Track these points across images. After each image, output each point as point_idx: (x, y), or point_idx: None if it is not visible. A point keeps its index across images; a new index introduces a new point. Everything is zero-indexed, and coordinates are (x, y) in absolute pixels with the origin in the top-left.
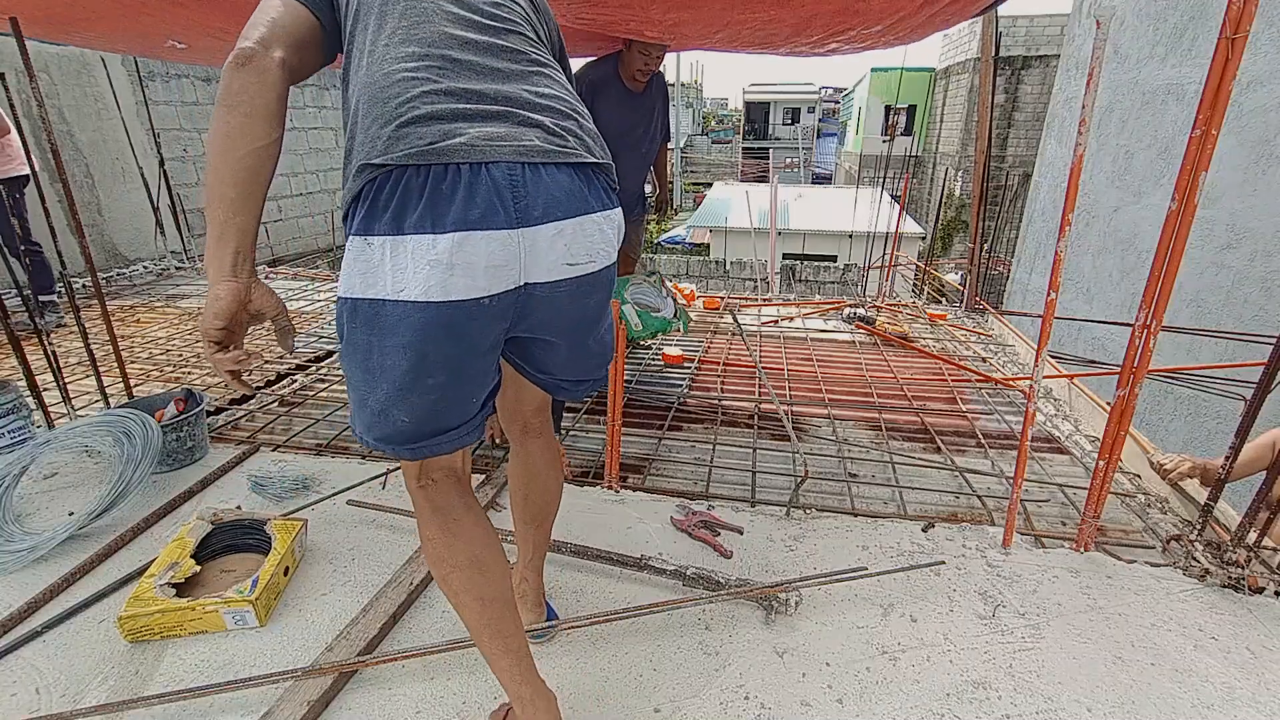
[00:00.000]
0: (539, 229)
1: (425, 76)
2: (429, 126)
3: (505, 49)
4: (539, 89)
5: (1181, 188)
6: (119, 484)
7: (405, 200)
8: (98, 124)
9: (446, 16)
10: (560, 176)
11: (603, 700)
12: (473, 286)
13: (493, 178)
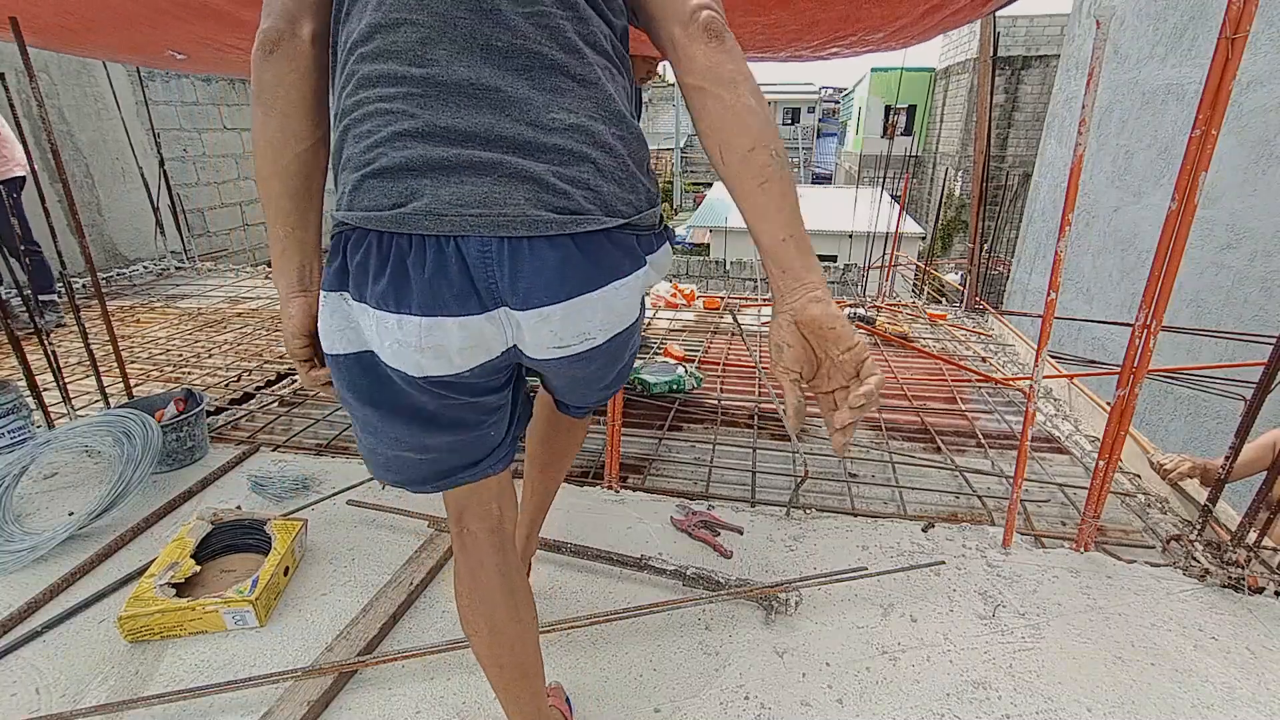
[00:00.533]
0: (519, 314)
1: (401, 109)
2: (393, 183)
3: (519, 49)
4: (551, 115)
5: (1181, 188)
6: (119, 484)
7: (366, 266)
8: (98, 124)
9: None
10: (550, 254)
11: (603, 700)
12: (447, 366)
13: (462, 255)
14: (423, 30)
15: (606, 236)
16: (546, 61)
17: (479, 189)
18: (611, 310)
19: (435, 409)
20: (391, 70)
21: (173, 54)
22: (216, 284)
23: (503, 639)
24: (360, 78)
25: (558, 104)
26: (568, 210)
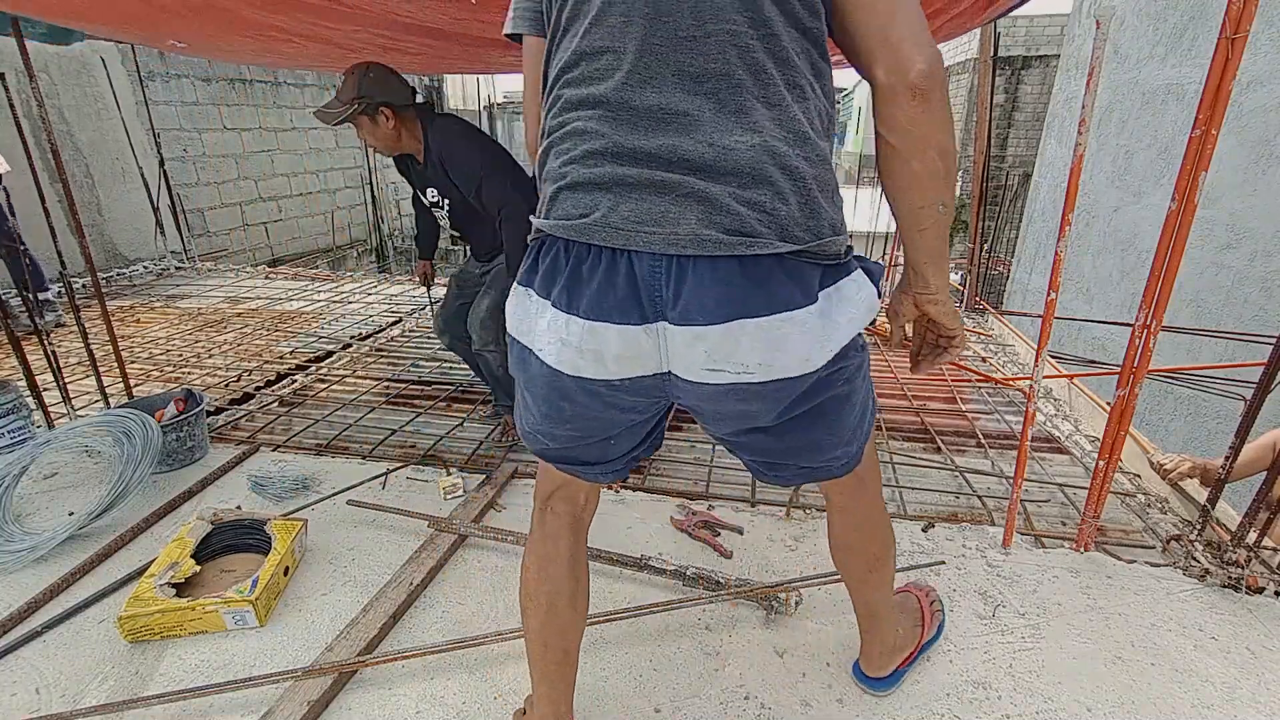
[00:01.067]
0: (675, 329)
1: (595, 130)
2: (582, 195)
3: (709, 73)
4: (734, 138)
5: (1181, 188)
6: (119, 484)
7: (553, 270)
8: (98, 124)
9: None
10: (712, 274)
11: (603, 700)
12: (601, 370)
13: (632, 268)
14: (622, 57)
15: (778, 263)
16: (733, 83)
17: (656, 207)
18: (774, 346)
19: (574, 409)
20: (591, 94)
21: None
22: (216, 284)
23: (556, 620)
24: (565, 101)
25: (742, 125)
26: (738, 232)
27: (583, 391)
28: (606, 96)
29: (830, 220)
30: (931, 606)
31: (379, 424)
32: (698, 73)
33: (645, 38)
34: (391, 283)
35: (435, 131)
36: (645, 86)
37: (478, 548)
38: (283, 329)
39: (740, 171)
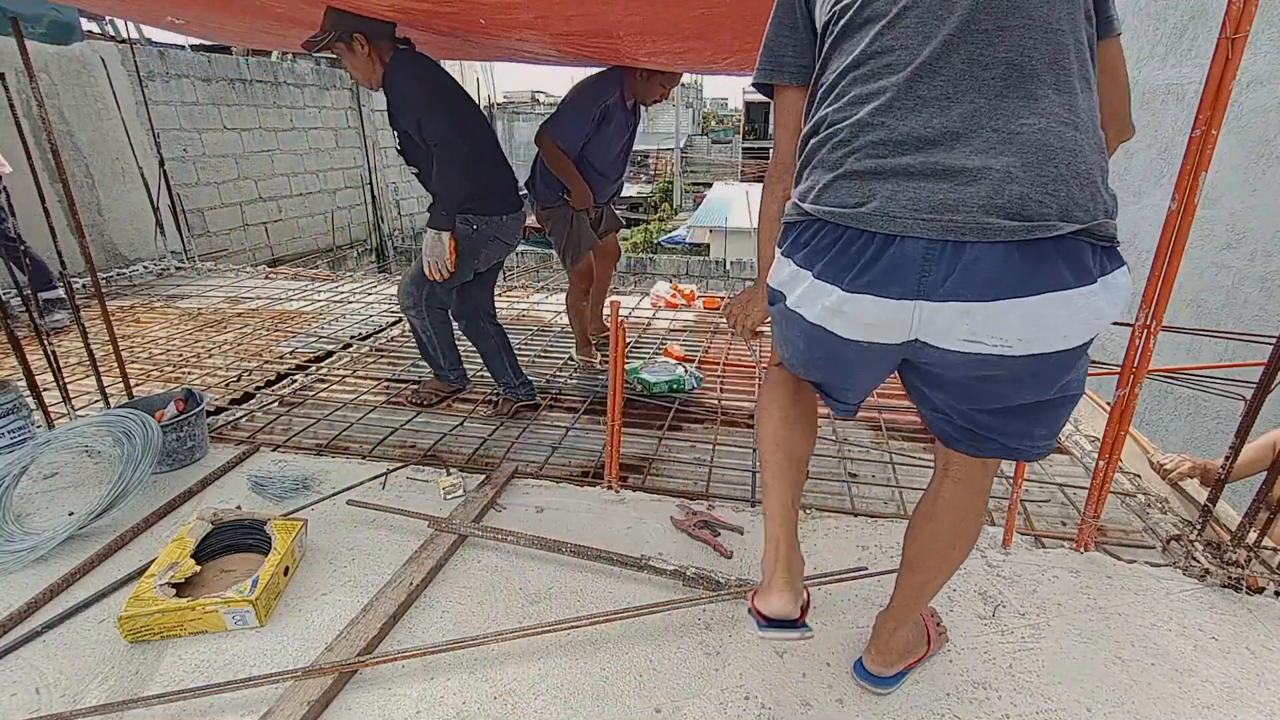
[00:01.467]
0: (941, 305)
1: (878, 121)
2: (858, 183)
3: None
4: (1020, 121)
5: (1181, 188)
6: (119, 484)
7: (817, 249)
8: (98, 124)
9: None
10: (990, 256)
11: (603, 700)
12: (854, 332)
13: (905, 251)
14: (915, 54)
15: (1056, 245)
16: (1026, 71)
17: (935, 195)
18: (1040, 323)
19: (825, 356)
20: (878, 87)
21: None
22: (216, 284)
23: (787, 426)
24: (850, 97)
25: (1030, 109)
26: (1020, 216)
27: (834, 343)
28: (893, 89)
29: (1105, 204)
30: (937, 627)
31: (379, 424)
32: (988, 61)
33: (941, 34)
34: (391, 282)
35: (392, 63)
36: (934, 77)
37: (478, 548)
38: (283, 329)
39: (1025, 152)
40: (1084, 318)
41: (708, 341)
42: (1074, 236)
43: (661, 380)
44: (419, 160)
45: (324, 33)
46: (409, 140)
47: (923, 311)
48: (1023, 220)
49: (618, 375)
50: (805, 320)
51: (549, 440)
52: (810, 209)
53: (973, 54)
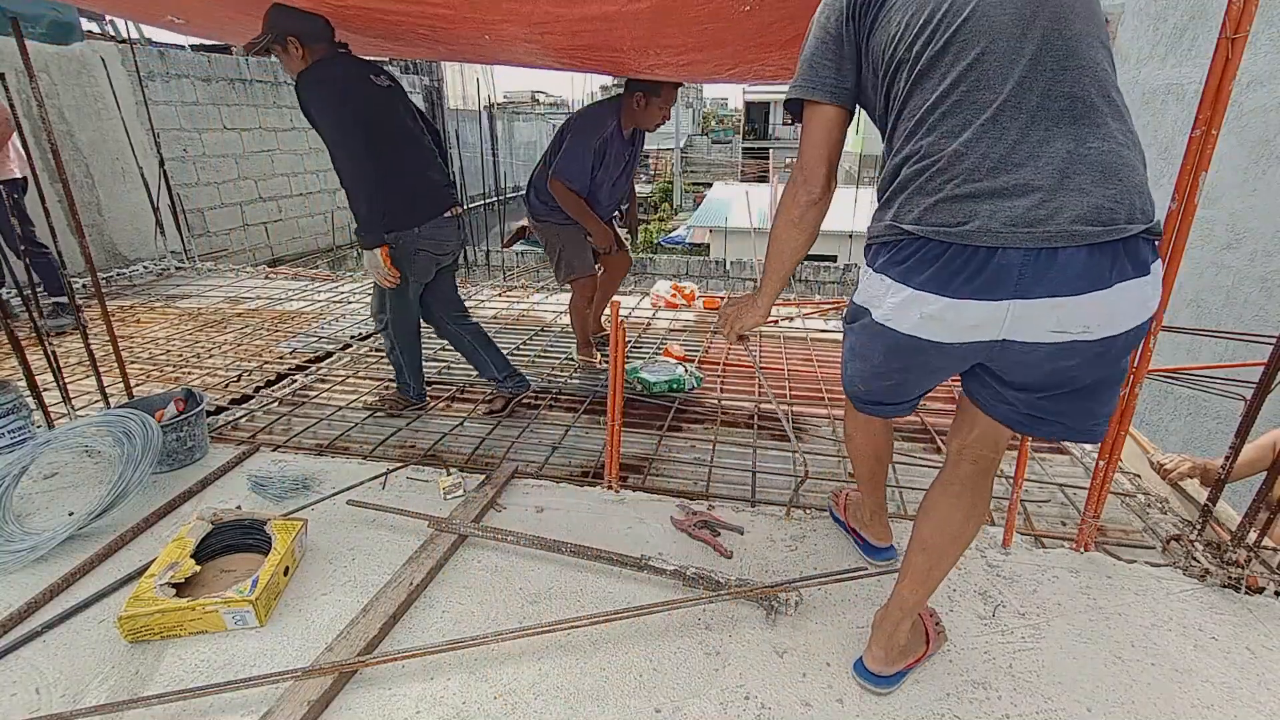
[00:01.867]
0: (1035, 302)
1: (973, 150)
2: (958, 205)
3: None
4: (1088, 145)
5: (1181, 188)
6: (119, 484)
7: (921, 263)
8: (98, 124)
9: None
10: (1078, 257)
11: (603, 700)
12: (947, 335)
13: (1005, 260)
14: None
15: (1123, 244)
16: (1089, 104)
17: (1028, 212)
18: (1113, 309)
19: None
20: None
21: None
22: (216, 284)
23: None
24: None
25: (1095, 134)
26: (1099, 221)
27: (917, 351)
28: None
29: (1152, 207)
30: (936, 627)
31: (379, 424)
32: (1064, 94)
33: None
34: None
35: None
36: (1016, 111)
37: (478, 548)
38: (283, 329)
39: (1096, 169)
40: (1142, 301)
41: (708, 341)
42: (1136, 236)
43: (661, 380)
44: None
45: (261, 35)
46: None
47: (1015, 309)
48: (1101, 225)
49: (618, 375)
50: (896, 332)
51: (549, 440)
52: (911, 228)
53: (1045, 90)
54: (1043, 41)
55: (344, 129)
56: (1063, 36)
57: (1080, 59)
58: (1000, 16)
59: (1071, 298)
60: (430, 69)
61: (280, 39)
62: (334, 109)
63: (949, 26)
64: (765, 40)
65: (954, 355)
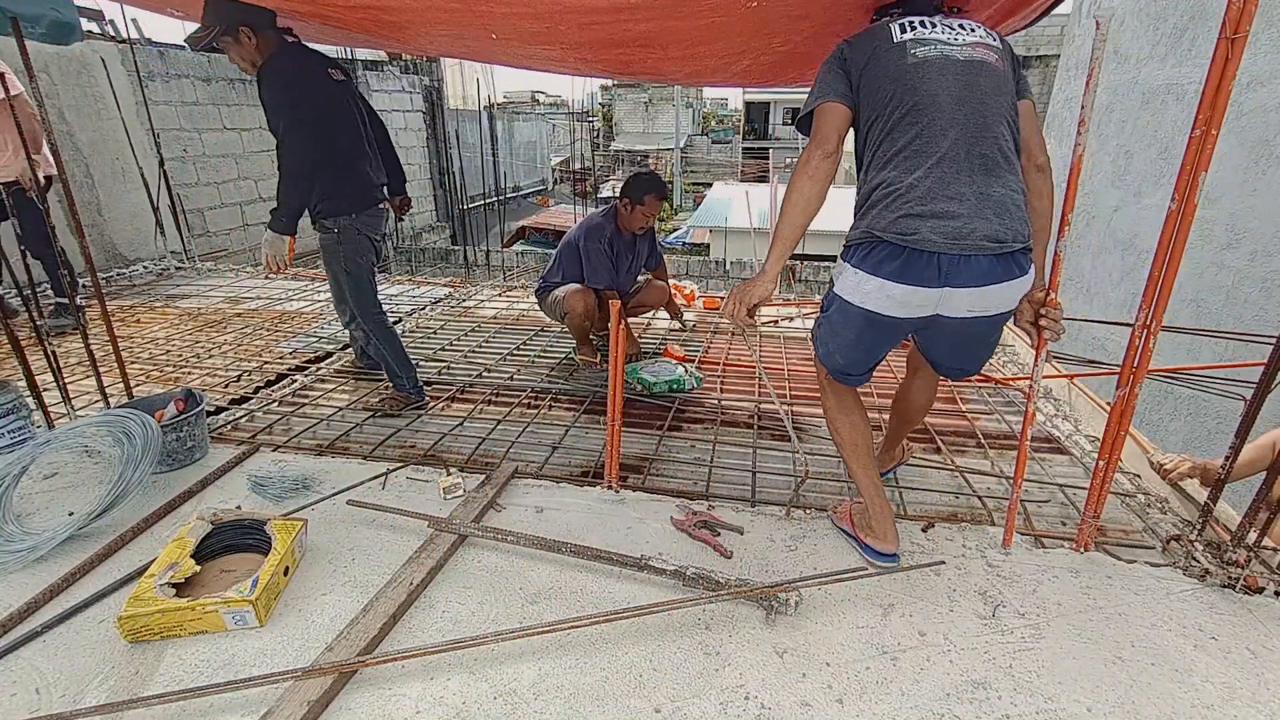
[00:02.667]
0: (958, 290)
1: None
2: (912, 222)
3: (987, 161)
4: (993, 189)
5: (1181, 188)
6: (119, 484)
7: (886, 260)
8: (98, 124)
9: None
10: (984, 262)
11: (603, 700)
12: (902, 311)
13: (939, 261)
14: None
15: (1012, 255)
16: (994, 163)
17: (955, 230)
18: (1002, 296)
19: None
20: (918, 163)
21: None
22: (216, 284)
23: (858, 428)
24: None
25: (998, 183)
26: (997, 240)
27: (882, 325)
28: (927, 167)
29: (1027, 230)
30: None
31: (379, 424)
32: (979, 154)
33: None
34: (391, 283)
35: (270, 61)
36: (949, 162)
37: (478, 548)
38: (283, 329)
39: (1000, 205)
40: (1020, 291)
41: (708, 341)
42: (1017, 251)
43: (662, 380)
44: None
45: (207, 27)
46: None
47: (945, 294)
48: (998, 243)
49: (618, 375)
50: (867, 310)
51: (549, 440)
52: (880, 234)
53: (968, 150)
54: (966, 118)
55: (300, 118)
56: (980, 114)
57: (991, 131)
58: (944, 97)
59: (979, 288)
60: (430, 69)
61: (232, 29)
62: (295, 98)
63: (911, 100)
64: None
65: (904, 327)
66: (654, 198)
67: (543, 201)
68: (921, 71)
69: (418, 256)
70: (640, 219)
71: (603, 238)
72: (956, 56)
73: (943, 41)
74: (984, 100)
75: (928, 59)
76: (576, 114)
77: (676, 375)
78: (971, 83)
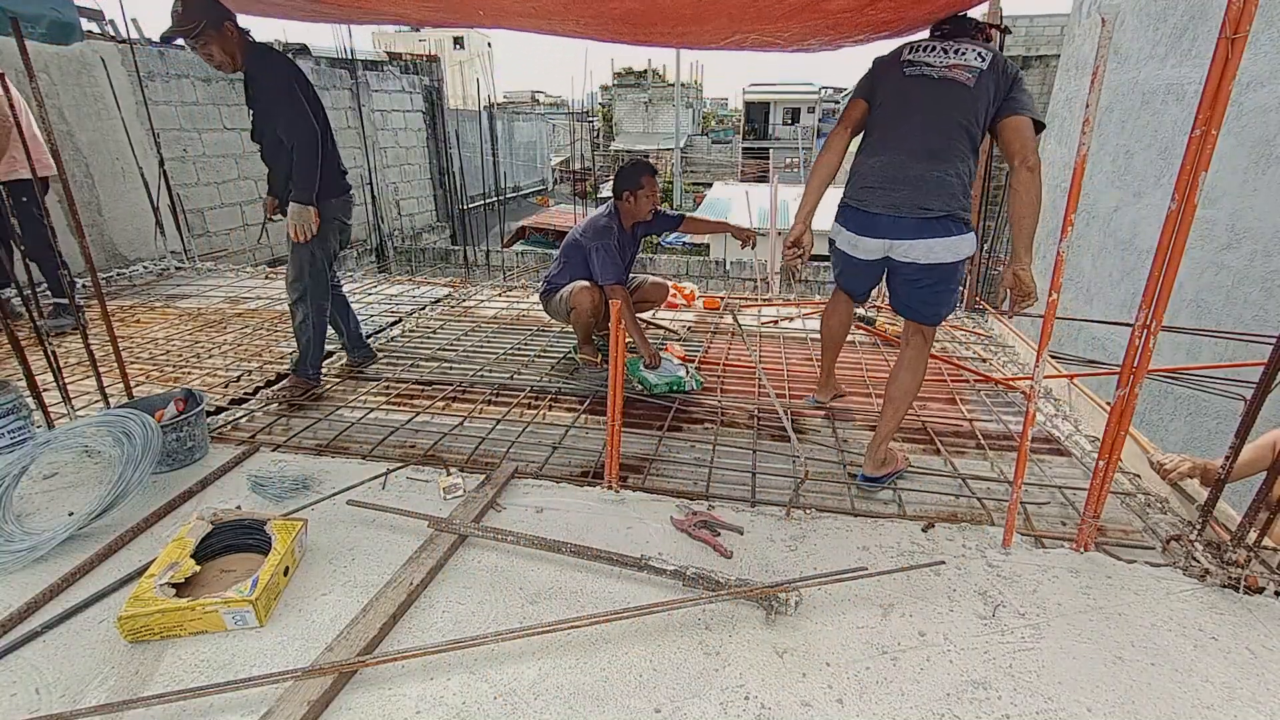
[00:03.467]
0: (896, 241)
1: (879, 168)
2: (865, 193)
3: (935, 152)
4: (932, 171)
5: (1181, 188)
6: (119, 484)
7: (850, 217)
8: (98, 124)
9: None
10: (912, 223)
11: (603, 700)
12: (862, 254)
13: (881, 220)
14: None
15: (939, 219)
16: (940, 153)
17: (894, 200)
18: (927, 249)
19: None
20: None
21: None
22: (216, 284)
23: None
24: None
25: (937, 169)
26: (924, 208)
27: (854, 263)
28: (885, 157)
29: (960, 205)
30: (903, 454)
31: (379, 424)
32: (929, 147)
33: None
34: (391, 283)
35: (261, 51)
36: (901, 154)
37: (478, 548)
38: (283, 329)
39: (930, 184)
40: (944, 249)
41: (708, 341)
42: (939, 218)
43: (663, 381)
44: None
45: (194, 21)
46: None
47: (888, 244)
48: (924, 210)
49: (618, 375)
50: (842, 251)
51: (549, 440)
52: (849, 201)
53: (921, 143)
54: (925, 120)
55: (299, 103)
56: (936, 118)
57: (943, 131)
58: (912, 105)
59: (908, 240)
60: (430, 69)
61: (216, 24)
62: (294, 84)
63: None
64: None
65: (870, 264)
66: (648, 177)
67: (543, 201)
68: (905, 86)
69: (418, 256)
70: (646, 203)
71: (610, 237)
72: (933, 76)
73: (928, 64)
74: (944, 109)
75: (911, 76)
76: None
77: (678, 376)
78: (939, 95)
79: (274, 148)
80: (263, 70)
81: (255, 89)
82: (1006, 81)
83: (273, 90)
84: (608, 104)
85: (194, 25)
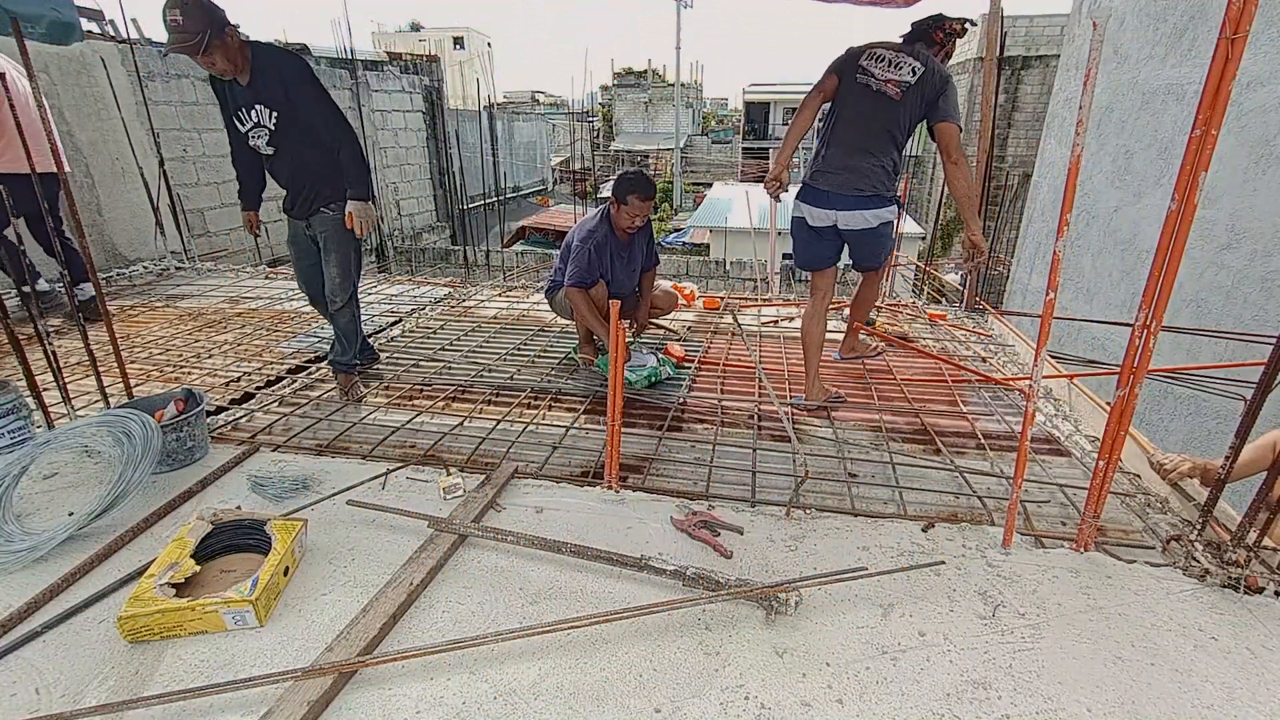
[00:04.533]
0: (840, 212)
1: (831, 157)
2: (820, 175)
3: (867, 148)
4: (864, 163)
5: (1181, 188)
6: (119, 484)
7: (807, 194)
8: (98, 124)
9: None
10: (850, 198)
11: (603, 700)
12: (816, 222)
13: (828, 196)
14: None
15: (870, 197)
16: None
17: (836, 181)
18: (861, 218)
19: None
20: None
21: None
22: (216, 284)
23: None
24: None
25: (868, 161)
26: (857, 189)
27: (811, 232)
28: (835, 148)
29: (886, 187)
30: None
31: (379, 424)
32: (863, 145)
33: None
34: (391, 283)
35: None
36: (847, 147)
37: (478, 548)
38: (283, 329)
39: (864, 171)
40: (874, 217)
41: (708, 341)
42: (869, 195)
43: (640, 376)
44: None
45: (196, 34)
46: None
47: (835, 214)
48: (857, 190)
49: (618, 375)
50: (803, 220)
51: (549, 440)
52: (807, 181)
53: (857, 140)
54: (863, 122)
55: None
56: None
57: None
58: (854, 110)
59: (847, 211)
60: (431, 69)
61: (220, 31)
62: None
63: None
64: None
65: (821, 231)
66: (636, 198)
67: (543, 201)
68: (855, 91)
69: (418, 256)
70: (626, 218)
71: (594, 239)
72: (872, 87)
73: (873, 75)
74: (878, 115)
75: (860, 84)
76: (576, 114)
77: (651, 368)
78: (874, 104)
79: (299, 148)
80: (284, 72)
81: (273, 91)
82: (933, 92)
83: (301, 90)
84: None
85: (198, 39)
